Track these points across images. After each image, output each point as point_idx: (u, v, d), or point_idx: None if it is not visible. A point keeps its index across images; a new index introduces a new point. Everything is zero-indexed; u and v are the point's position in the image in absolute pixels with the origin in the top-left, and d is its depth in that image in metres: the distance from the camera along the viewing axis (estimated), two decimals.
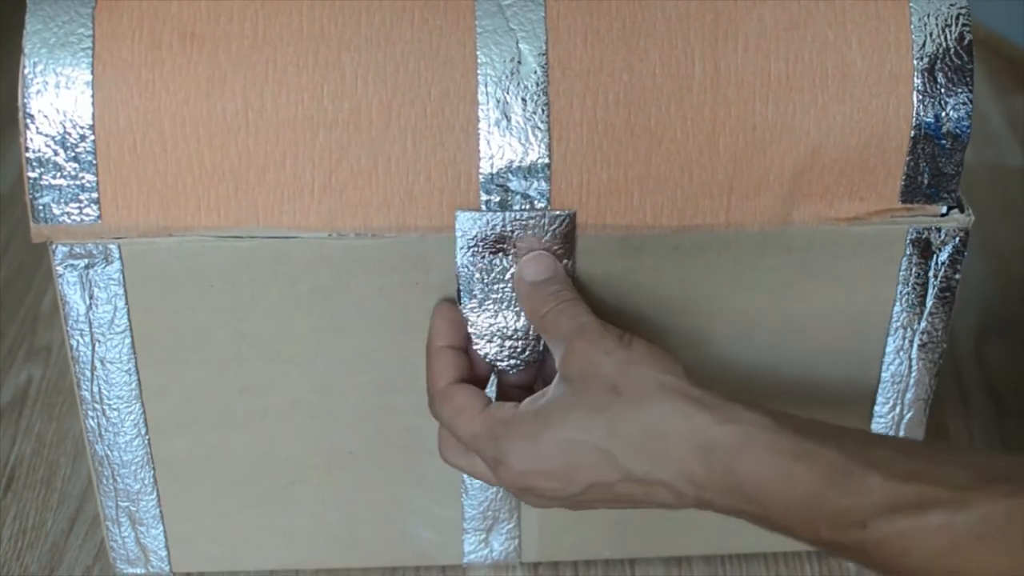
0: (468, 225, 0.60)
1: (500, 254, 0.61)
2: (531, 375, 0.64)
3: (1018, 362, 0.88)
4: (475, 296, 0.62)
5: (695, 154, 0.60)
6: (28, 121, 0.59)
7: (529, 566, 0.72)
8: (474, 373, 0.62)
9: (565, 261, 0.61)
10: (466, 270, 0.61)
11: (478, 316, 0.62)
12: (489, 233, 0.60)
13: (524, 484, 0.56)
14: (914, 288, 0.64)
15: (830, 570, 0.73)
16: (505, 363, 0.63)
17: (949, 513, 0.49)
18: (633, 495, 0.55)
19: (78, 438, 0.81)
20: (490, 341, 0.62)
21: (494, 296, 0.62)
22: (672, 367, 0.55)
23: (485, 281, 0.61)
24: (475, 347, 0.62)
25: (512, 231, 0.60)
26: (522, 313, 0.62)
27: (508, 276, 0.62)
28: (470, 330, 0.62)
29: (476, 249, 0.61)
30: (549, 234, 0.60)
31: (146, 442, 0.66)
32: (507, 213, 0.60)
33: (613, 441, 0.54)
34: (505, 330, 0.62)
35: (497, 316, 0.62)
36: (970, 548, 0.48)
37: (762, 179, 0.61)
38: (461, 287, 0.62)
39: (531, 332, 0.62)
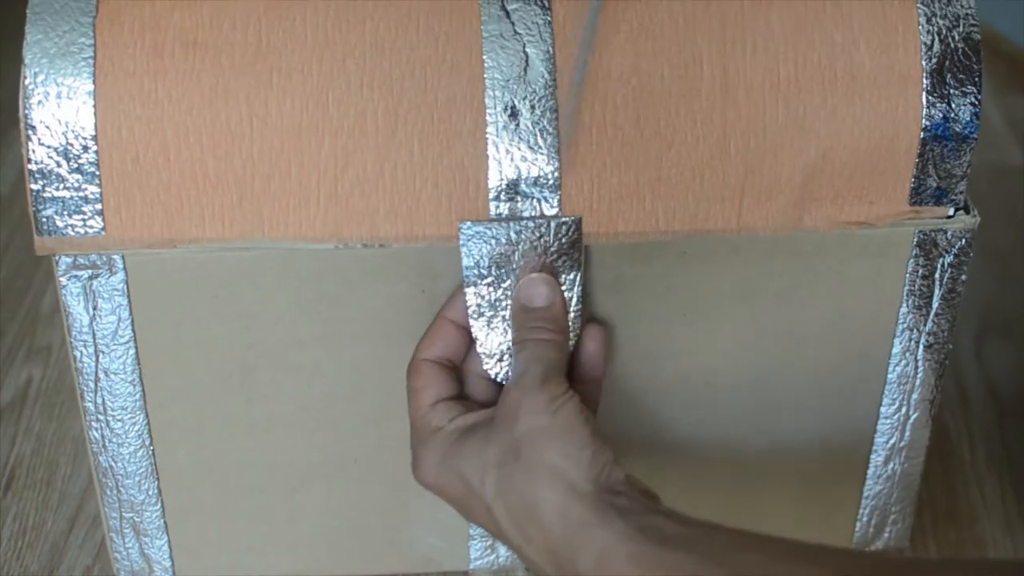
0: (472, 237, 0.59)
1: (505, 269, 0.60)
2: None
3: (1018, 362, 0.88)
4: (483, 315, 0.61)
5: (706, 157, 0.60)
6: (30, 132, 0.58)
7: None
8: (465, 391, 0.62)
9: (574, 273, 0.60)
10: (472, 287, 0.60)
11: (487, 335, 0.61)
12: (494, 247, 0.60)
13: (431, 491, 0.59)
14: (920, 290, 0.64)
15: None
16: None
17: None
18: (510, 547, 0.56)
19: (78, 438, 0.81)
20: (500, 360, 0.61)
21: (503, 314, 0.61)
22: (580, 454, 0.54)
23: (492, 299, 0.61)
24: (485, 367, 0.61)
25: (517, 243, 0.60)
26: None
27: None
28: (479, 349, 0.61)
29: (481, 263, 0.60)
30: (555, 245, 0.60)
31: (150, 453, 0.65)
32: (511, 224, 0.59)
33: (497, 503, 0.55)
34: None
35: (506, 335, 0.61)
36: None
37: (774, 183, 0.61)
38: (468, 305, 0.60)
39: None
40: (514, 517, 0.54)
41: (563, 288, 0.60)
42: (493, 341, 0.61)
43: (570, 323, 0.60)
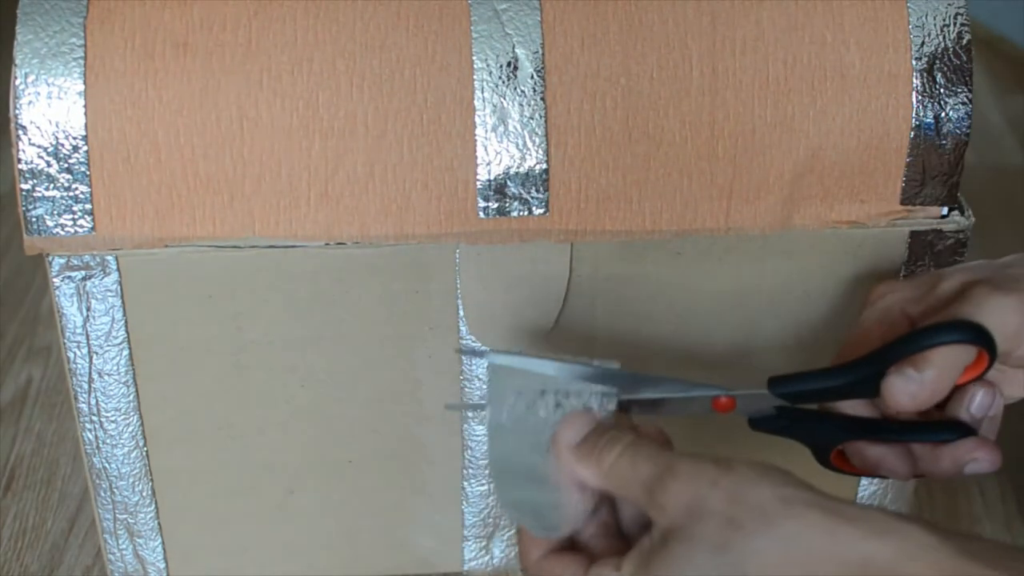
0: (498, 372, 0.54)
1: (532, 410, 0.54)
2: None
3: None
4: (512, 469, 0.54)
5: (694, 158, 0.60)
6: (20, 132, 0.58)
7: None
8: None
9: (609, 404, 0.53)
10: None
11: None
12: (518, 382, 0.53)
13: None
14: None
15: None
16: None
17: None
18: None
19: (78, 438, 0.81)
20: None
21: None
22: (787, 475, 0.48)
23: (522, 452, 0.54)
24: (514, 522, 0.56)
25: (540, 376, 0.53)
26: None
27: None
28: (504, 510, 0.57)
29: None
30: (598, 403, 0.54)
31: (144, 454, 0.65)
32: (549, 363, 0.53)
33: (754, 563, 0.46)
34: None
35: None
36: None
37: (762, 182, 0.61)
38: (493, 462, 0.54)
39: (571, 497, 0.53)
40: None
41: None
42: (510, 483, 0.54)
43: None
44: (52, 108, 0.58)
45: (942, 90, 0.60)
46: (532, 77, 0.59)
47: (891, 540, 0.45)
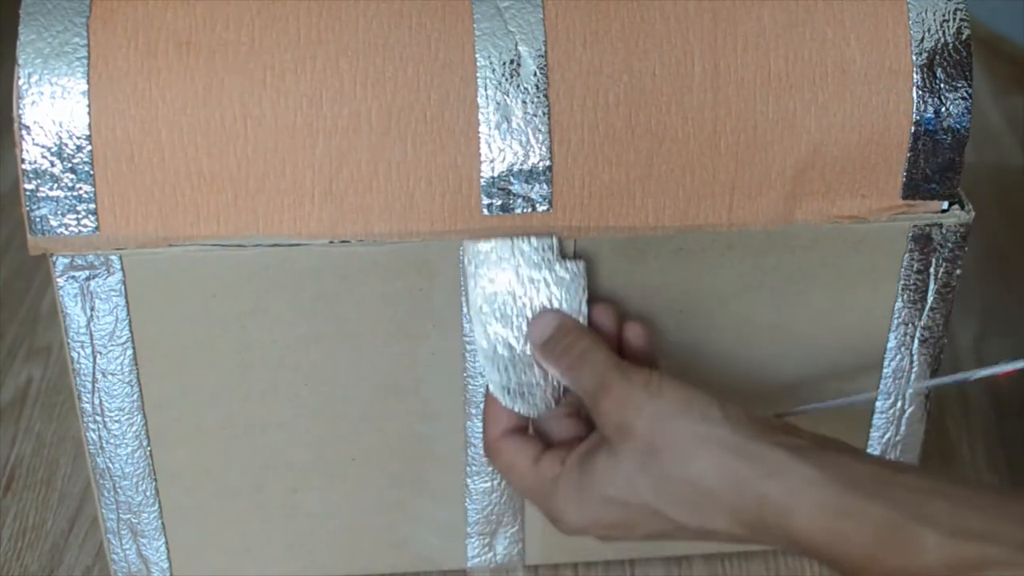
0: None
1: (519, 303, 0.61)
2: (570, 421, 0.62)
3: None
4: (495, 352, 0.61)
5: (696, 154, 0.60)
6: (24, 132, 0.58)
7: (529, 567, 0.72)
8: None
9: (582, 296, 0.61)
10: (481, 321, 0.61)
11: (495, 367, 0.62)
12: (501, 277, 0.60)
13: (584, 534, 0.57)
14: (915, 284, 0.64)
15: (831, 571, 0.72)
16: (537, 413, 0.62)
17: (1011, 574, 0.46)
18: (692, 536, 0.54)
19: (78, 438, 0.81)
20: (519, 395, 0.61)
21: (511, 341, 0.61)
22: (707, 411, 0.53)
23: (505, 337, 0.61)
24: (504, 404, 0.61)
25: (518, 272, 0.60)
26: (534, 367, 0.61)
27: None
28: (491, 389, 0.61)
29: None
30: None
31: (148, 454, 0.65)
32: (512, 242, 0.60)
33: (660, 500, 0.53)
34: (528, 385, 0.62)
35: (512, 369, 0.61)
36: None
37: (764, 178, 0.61)
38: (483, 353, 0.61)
39: (549, 381, 0.61)
40: (685, 505, 0.53)
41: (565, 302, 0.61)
42: (500, 369, 0.61)
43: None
44: (55, 108, 0.58)
45: (942, 85, 0.61)
46: (535, 74, 0.59)
47: (782, 479, 0.51)
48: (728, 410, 0.53)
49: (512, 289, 0.61)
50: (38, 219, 0.59)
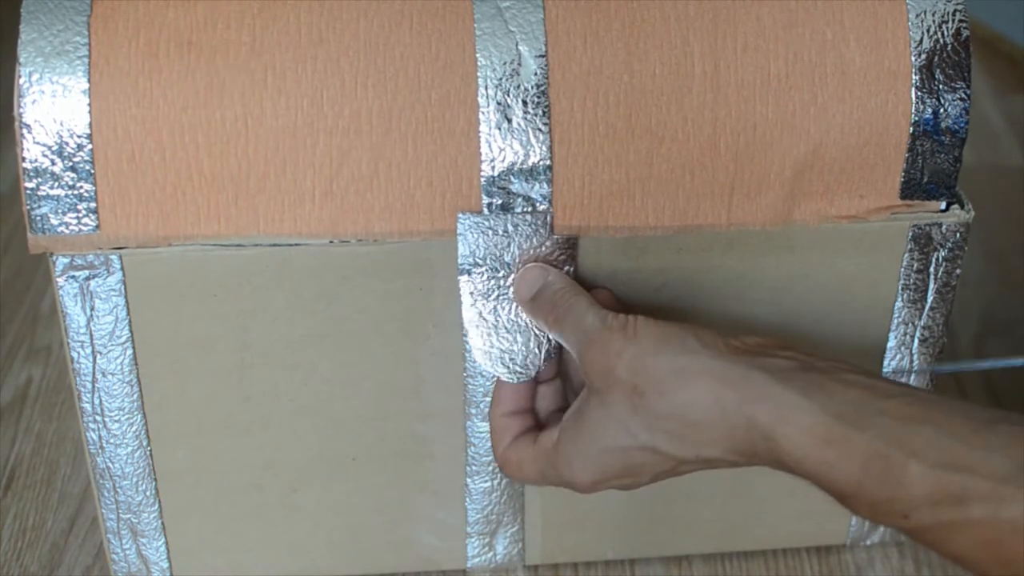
0: (470, 228, 0.60)
1: (500, 260, 0.61)
2: (552, 376, 0.63)
3: None
4: (475, 304, 0.61)
5: (696, 154, 0.60)
6: (24, 131, 0.58)
7: (529, 567, 0.72)
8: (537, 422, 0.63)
9: (567, 267, 0.61)
10: (467, 275, 0.61)
11: (477, 328, 0.62)
12: (490, 237, 0.60)
13: (600, 489, 0.57)
14: (915, 284, 0.65)
15: (830, 570, 0.73)
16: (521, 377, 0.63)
17: (991, 507, 0.47)
18: (696, 468, 0.55)
19: (78, 438, 0.82)
20: (493, 357, 0.62)
21: (494, 304, 0.61)
22: (684, 343, 0.54)
23: (485, 289, 0.61)
24: (481, 365, 0.62)
25: (513, 235, 0.60)
26: (520, 333, 0.62)
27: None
28: (472, 347, 0.62)
29: (476, 253, 0.60)
30: (550, 240, 0.60)
31: (148, 453, 0.65)
32: (508, 217, 0.60)
33: (655, 438, 0.54)
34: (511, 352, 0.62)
35: (496, 333, 0.62)
36: (1013, 541, 0.47)
37: (763, 178, 0.61)
38: (461, 294, 0.61)
39: (532, 345, 0.62)
40: (679, 439, 0.54)
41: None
42: (483, 335, 0.62)
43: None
44: (56, 106, 0.58)
45: (941, 86, 0.61)
46: (535, 74, 0.59)
47: (767, 405, 0.51)
48: (705, 338, 0.54)
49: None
50: (38, 218, 0.59)
